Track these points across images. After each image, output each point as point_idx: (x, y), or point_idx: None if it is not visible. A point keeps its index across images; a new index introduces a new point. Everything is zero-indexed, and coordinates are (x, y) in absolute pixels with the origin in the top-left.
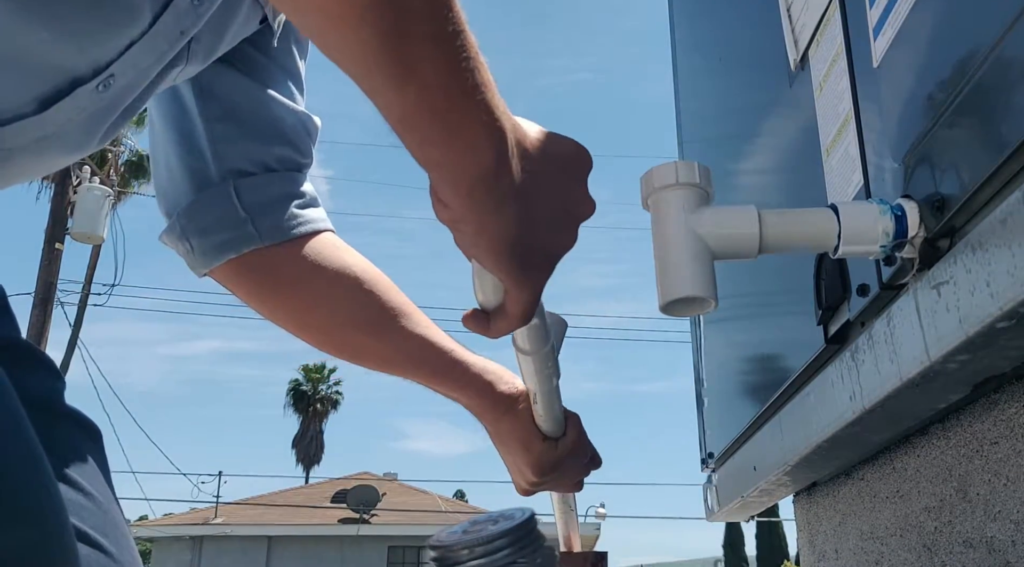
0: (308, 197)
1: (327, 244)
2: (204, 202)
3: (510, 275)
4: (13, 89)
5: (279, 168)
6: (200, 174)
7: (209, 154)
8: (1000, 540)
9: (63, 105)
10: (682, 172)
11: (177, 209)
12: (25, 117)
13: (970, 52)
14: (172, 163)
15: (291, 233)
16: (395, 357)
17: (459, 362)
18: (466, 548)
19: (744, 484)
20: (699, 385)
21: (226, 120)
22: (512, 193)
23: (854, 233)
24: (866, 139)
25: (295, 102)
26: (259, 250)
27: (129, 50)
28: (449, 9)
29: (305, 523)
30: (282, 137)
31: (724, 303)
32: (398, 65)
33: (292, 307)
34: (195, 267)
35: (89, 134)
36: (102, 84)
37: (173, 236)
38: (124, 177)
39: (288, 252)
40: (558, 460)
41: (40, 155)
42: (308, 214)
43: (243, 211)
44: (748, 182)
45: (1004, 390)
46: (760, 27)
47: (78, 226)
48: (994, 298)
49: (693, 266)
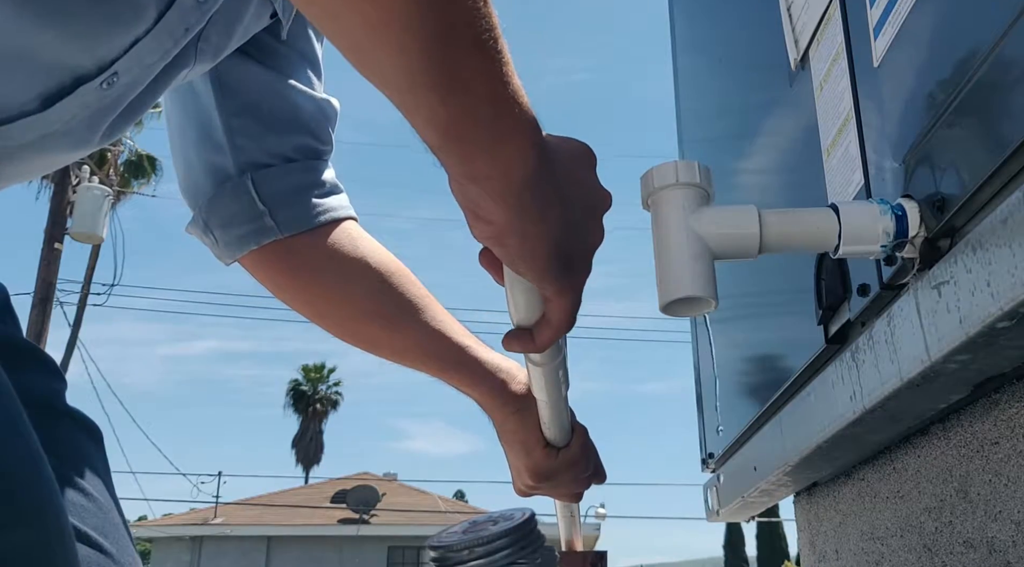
0: (328, 185)
1: (347, 234)
2: (224, 196)
3: (556, 282)
4: (17, 87)
5: (299, 157)
6: (219, 168)
7: (228, 148)
8: (1001, 540)
9: (67, 102)
10: (682, 172)
11: (199, 202)
12: (29, 115)
13: (970, 52)
14: (191, 157)
15: (310, 224)
16: (408, 350)
17: (472, 359)
18: (466, 548)
19: (744, 484)
20: (699, 385)
21: (244, 114)
22: (552, 196)
23: (854, 233)
24: (866, 139)
25: (313, 88)
26: (280, 240)
27: (134, 47)
28: (487, 12)
29: (305, 523)
30: (301, 126)
31: (724, 303)
32: (443, 74)
33: (311, 296)
34: (221, 257)
35: (92, 131)
36: (106, 82)
37: (197, 229)
38: (124, 177)
39: (308, 242)
40: (555, 470)
41: (43, 152)
42: (328, 203)
43: (261, 204)
44: (748, 182)
45: (1005, 390)
46: (760, 27)
47: (77, 226)
48: (995, 298)
49: (693, 266)
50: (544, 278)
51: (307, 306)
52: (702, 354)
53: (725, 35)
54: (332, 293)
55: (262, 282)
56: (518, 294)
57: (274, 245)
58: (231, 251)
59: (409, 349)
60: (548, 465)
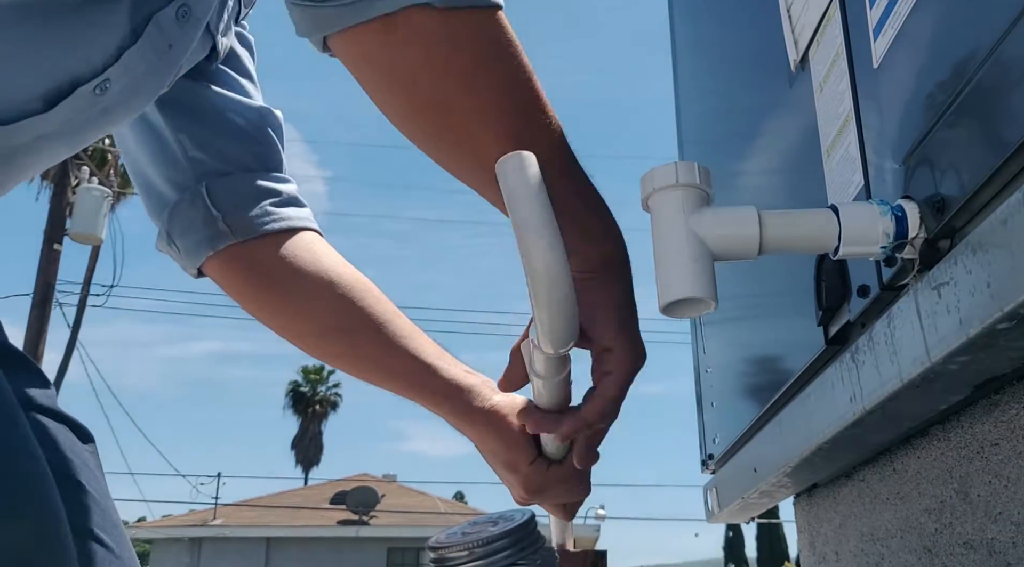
0: (286, 196)
1: (308, 247)
2: (182, 205)
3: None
4: (21, 87)
5: (256, 167)
6: (178, 182)
7: (184, 161)
8: (1001, 542)
9: (64, 105)
10: (682, 173)
11: (163, 217)
12: (31, 115)
13: (970, 52)
14: (152, 178)
15: (262, 229)
16: (369, 367)
17: (434, 378)
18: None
19: (744, 485)
20: (699, 386)
21: (192, 127)
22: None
23: (854, 234)
24: (866, 140)
25: (251, 98)
26: (237, 247)
27: (123, 56)
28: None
29: (304, 524)
30: (245, 133)
31: (724, 304)
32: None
33: (273, 307)
34: (185, 267)
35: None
36: (99, 87)
37: (163, 243)
38: (123, 177)
39: (267, 251)
40: (545, 485)
41: (39, 153)
42: (285, 212)
43: (215, 209)
44: (748, 183)
45: (1005, 391)
46: (760, 27)
47: (77, 227)
48: (995, 299)
49: (693, 267)
50: (628, 329)
51: (271, 318)
52: (702, 355)
53: (725, 35)
54: (293, 305)
55: (228, 293)
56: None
57: (234, 253)
58: (192, 259)
59: (369, 366)
60: (538, 480)
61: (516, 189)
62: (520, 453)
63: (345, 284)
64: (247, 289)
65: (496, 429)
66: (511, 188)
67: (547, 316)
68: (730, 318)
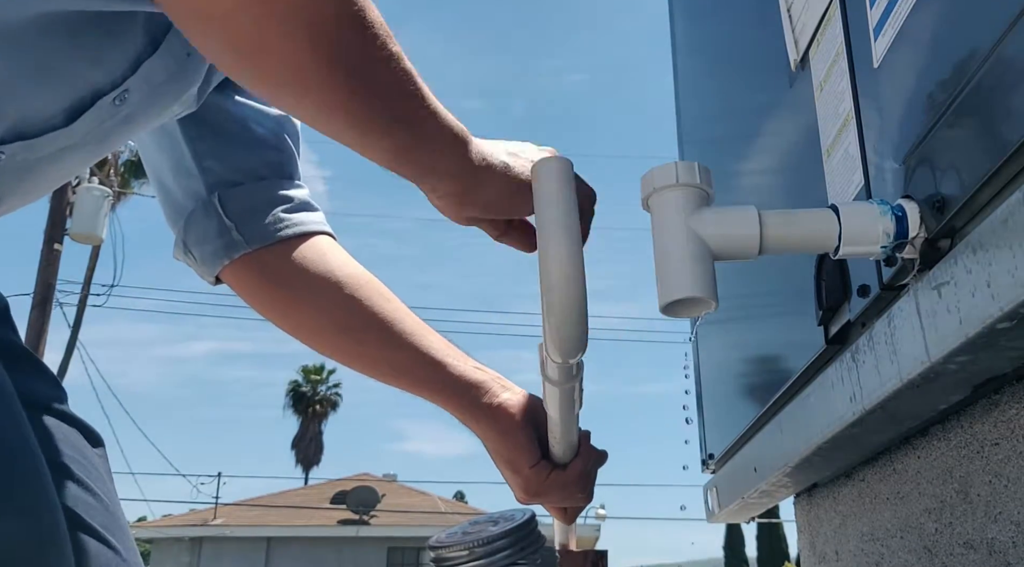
0: (297, 201)
1: (316, 248)
2: (197, 215)
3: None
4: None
5: (268, 174)
6: (195, 192)
7: (198, 171)
8: (1001, 541)
9: (86, 117)
10: (682, 172)
11: (180, 226)
12: (55, 129)
13: (970, 52)
14: (170, 186)
15: (275, 236)
16: (379, 365)
17: (443, 374)
18: (466, 549)
19: (744, 485)
20: (699, 386)
21: (207, 137)
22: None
23: (854, 234)
24: (866, 139)
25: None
26: (252, 255)
27: (141, 66)
28: (384, 42)
29: (304, 524)
30: (261, 141)
31: (724, 304)
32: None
33: (284, 309)
34: (202, 275)
35: (103, 145)
36: (118, 98)
37: (180, 251)
38: (124, 177)
39: (278, 255)
40: (545, 489)
41: (61, 163)
42: (296, 217)
43: (228, 219)
44: (748, 183)
45: (1005, 391)
46: (760, 27)
47: (77, 226)
48: (995, 299)
49: (693, 267)
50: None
51: (283, 319)
52: (702, 355)
53: (725, 35)
54: (303, 305)
55: (244, 298)
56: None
57: (247, 260)
58: (208, 267)
59: (379, 364)
60: (538, 484)
61: (545, 196)
62: (523, 454)
63: (352, 283)
64: (262, 294)
65: (500, 427)
66: (540, 193)
67: (557, 325)
68: (730, 318)
